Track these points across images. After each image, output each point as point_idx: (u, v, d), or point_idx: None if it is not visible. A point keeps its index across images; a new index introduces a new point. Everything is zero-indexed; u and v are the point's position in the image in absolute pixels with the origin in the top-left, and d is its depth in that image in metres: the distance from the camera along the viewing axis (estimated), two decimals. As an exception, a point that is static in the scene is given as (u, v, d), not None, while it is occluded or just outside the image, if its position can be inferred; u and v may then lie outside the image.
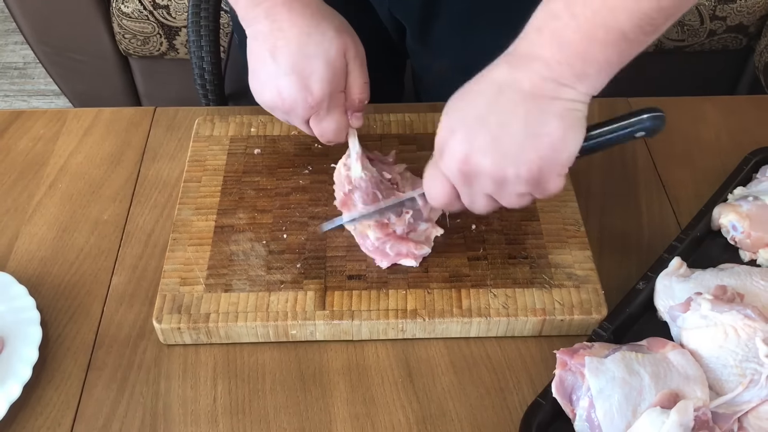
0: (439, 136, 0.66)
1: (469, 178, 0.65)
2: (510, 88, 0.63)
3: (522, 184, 0.65)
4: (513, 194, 0.66)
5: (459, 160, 0.64)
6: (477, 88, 0.65)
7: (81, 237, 0.84)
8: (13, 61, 2.45)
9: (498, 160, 0.63)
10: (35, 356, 0.71)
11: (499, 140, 0.63)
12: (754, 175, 0.85)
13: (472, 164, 0.64)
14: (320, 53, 0.73)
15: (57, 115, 0.98)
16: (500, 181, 0.64)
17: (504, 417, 0.69)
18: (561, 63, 0.61)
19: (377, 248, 0.77)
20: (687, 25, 1.69)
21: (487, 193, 0.67)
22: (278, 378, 0.72)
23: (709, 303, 0.67)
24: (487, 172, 0.64)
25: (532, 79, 0.62)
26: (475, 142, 0.63)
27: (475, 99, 0.64)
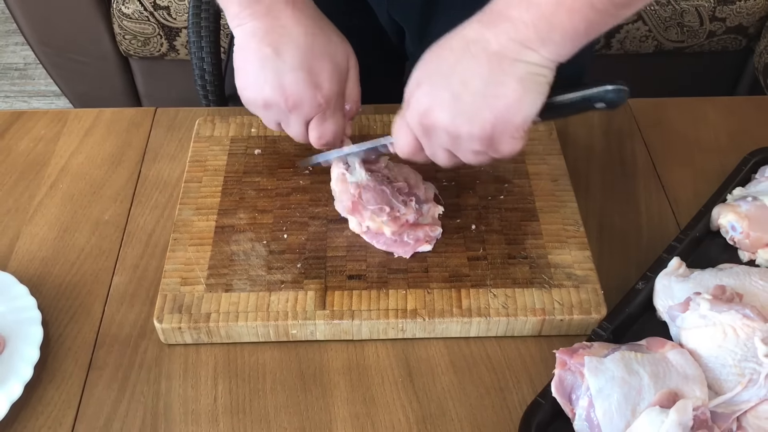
0: (408, 88, 0.68)
1: (428, 132, 0.68)
2: (477, 46, 0.64)
3: (475, 141, 0.66)
4: (468, 151, 0.68)
5: (420, 113, 0.67)
6: (448, 44, 0.66)
7: (82, 237, 0.84)
8: (13, 62, 2.45)
9: (454, 117, 0.65)
10: (36, 356, 0.71)
11: (459, 97, 0.65)
12: (753, 175, 0.85)
13: (431, 118, 0.66)
14: (328, 54, 0.73)
15: (58, 116, 0.98)
16: (455, 137, 0.66)
17: (504, 416, 0.69)
18: (527, 25, 0.62)
19: (395, 241, 0.78)
20: (687, 26, 1.69)
21: (445, 147, 0.69)
22: (279, 377, 0.72)
23: (708, 303, 0.67)
24: (443, 127, 0.66)
25: (499, 40, 0.63)
26: (437, 97, 0.65)
27: (444, 55, 0.66)
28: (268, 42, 0.71)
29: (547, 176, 0.86)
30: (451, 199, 0.83)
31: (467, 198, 0.84)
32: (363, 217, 0.77)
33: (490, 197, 0.84)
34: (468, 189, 0.85)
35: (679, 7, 1.66)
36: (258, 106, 0.75)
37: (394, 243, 0.78)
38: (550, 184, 0.85)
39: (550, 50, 0.63)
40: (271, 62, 0.71)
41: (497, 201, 0.83)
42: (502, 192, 0.84)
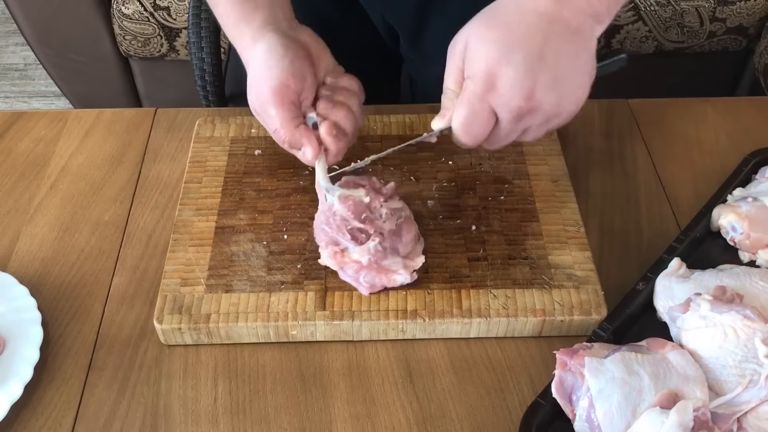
0: (485, 68, 0.63)
1: (524, 115, 0.64)
2: (558, 23, 0.63)
3: (567, 119, 0.66)
4: (548, 129, 0.67)
5: (522, 96, 0.63)
6: (522, 18, 0.63)
7: (82, 238, 0.84)
8: (13, 63, 2.45)
9: (558, 98, 0.64)
10: (36, 356, 0.71)
11: (559, 78, 0.63)
12: (753, 176, 0.85)
13: (536, 100, 0.63)
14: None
15: (58, 117, 0.98)
16: (553, 117, 0.65)
17: (504, 417, 0.69)
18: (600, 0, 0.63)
19: (353, 277, 0.74)
20: (687, 26, 1.69)
21: (531, 127, 0.66)
22: (279, 378, 0.72)
23: (708, 303, 0.67)
24: (545, 109, 0.64)
25: (577, 17, 0.63)
26: (539, 78, 0.62)
27: (526, 32, 0.63)
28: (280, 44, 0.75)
29: (547, 177, 0.86)
30: (451, 200, 0.83)
31: (467, 199, 0.84)
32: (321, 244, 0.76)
33: (491, 198, 0.84)
34: (468, 190, 0.85)
35: (679, 7, 1.66)
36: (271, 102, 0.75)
37: (353, 279, 0.74)
38: (550, 184, 0.85)
39: (606, 23, 0.65)
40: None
41: (497, 202, 0.83)
42: (502, 193, 0.84)
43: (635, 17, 1.67)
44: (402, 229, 0.76)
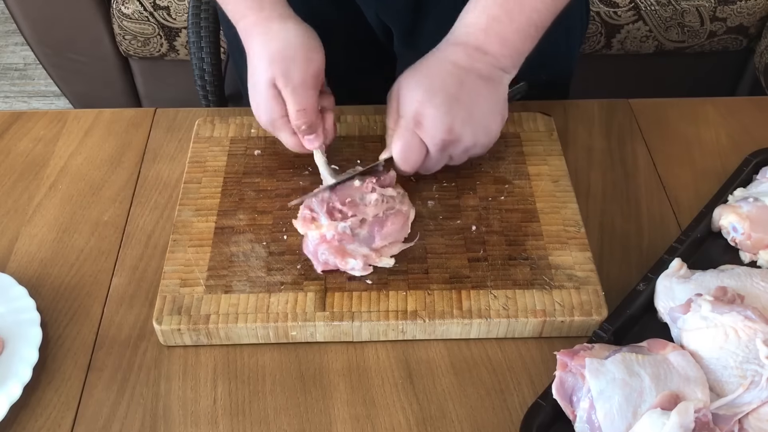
0: (412, 109, 0.76)
1: (447, 145, 0.78)
2: (471, 73, 0.77)
3: (482, 149, 0.80)
4: (470, 156, 0.81)
5: (444, 130, 0.76)
6: (442, 68, 0.78)
7: (81, 238, 0.84)
8: (13, 62, 2.45)
9: (473, 131, 0.78)
10: (35, 357, 0.71)
11: (473, 115, 0.77)
12: (754, 176, 0.85)
13: (455, 134, 0.77)
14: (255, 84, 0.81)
15: (57, 117, 0.98)
16: (470, 147, 0.79)
17: (504, 418, 0.69)
18: (505, 56, 0.79)
19: (312, 250, 0.76)
20: (687, 26, 1.69)
21: (454, 155, 0.79)
22: (278, 379, 0.72)
23: (709, 304, 0.67)
24: (464, 140, 0.77)
25: (487, 69, 0.78)
26: (456, 116, 0.76)
27: (445, 79, 0.77)
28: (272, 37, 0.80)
29: (547, 177, 0.86)
30: (451, 200, 0.83)
31: (467, 199, 0.83)
32: None
33: (491, 198, 0.83)
34: (468, 190, 0.84)
35: (679, 7, 1.66)
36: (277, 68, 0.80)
37: (312, 252, 0.76)
38: (550, 185, 0.85)
39: (515, 70, 0.80)
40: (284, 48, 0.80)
41: (498, 202, 0.83)
42: (502, 193, 0.84)
43: (635, 17, 1.67)
44: (387, 219, 0.78)
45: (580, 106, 0.99)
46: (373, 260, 0.76)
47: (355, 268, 0.75)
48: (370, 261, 0.76)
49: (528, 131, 0.91)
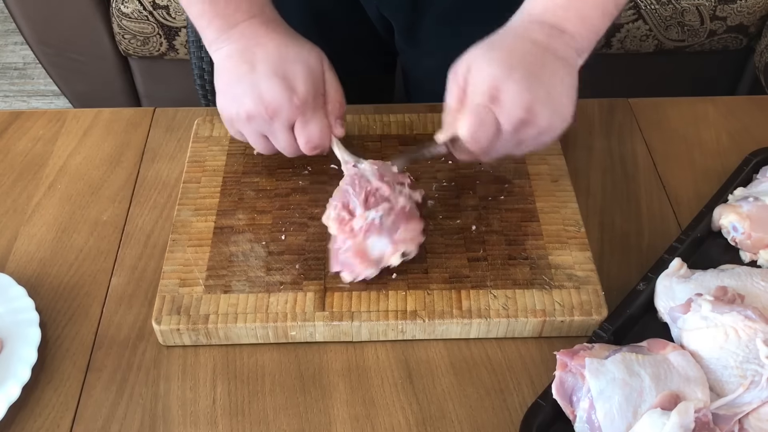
0: (490, 84, 0.69)
1: (524, 125, 0.71)
2: (549, 52, 0.72)
3: (556, 134, 0.74)
4: (538, 143, 0.74)
5: (523, 107, 0.69)
6: (520, 45, 0.72)
7: (80, 238, 0.84)
8: (12, 62, 2.45)
9: (551, 113, 0.71)
10: (34, 357, 0.70)
11: (552, 96, 0.71)
12: (754, 175, 0.85)
13: (533, 112, 0.70)
14: (300, 59, 0.76)
15: (56, 116, 0.98)
16: (544, 131, 0.72)
17: (504, 418, 0.69)
18: (582, 36, 0.74)
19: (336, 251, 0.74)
20: (687, 25, 1.69)
21: (526, 140, 0.73)
22: (278, 379, 0.72)
23: (709, 304, 0.67)
24: (540, 122, 0.71)
25: (564, 49, 0.73)
26: (537, 93, 0.70)
27: (525, 55, 0.71)
28: (244, 60, 0.76)
29: (547, 176, 0.85)
30: (451, 200, 0.83)
31: (467, 199, 0.83)
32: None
33: (491, 198, 0.83)
34: (468, 189, 0.84)
35: (679, 6, 1.66)
36: (242, 120, 0.77)
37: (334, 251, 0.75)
38: (550, 184, 0.85)
39: (586, 56, 0.75)
40: (248, 77, 0.75)
41: (497, 201, 0.83)
42: (502, 192, 0.84)
43: (635, 16, 1.67)
44: (411, 214, 0.75)
45: (580, 105, 0.98)
46: (388, 257, 0.74)
47: (368, 276, 0.74)
48: (384, 261, 0.74)
49: (528, 130, 0.91)
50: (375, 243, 0.74)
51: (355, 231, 0.73)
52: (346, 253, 0.74)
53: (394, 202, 0.74)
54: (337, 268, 0.75)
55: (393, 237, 0.74)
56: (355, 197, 0.74)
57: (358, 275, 0.74)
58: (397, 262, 0.75)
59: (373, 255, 0.74)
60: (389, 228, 0.74)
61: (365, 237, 0.73)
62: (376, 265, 0.74)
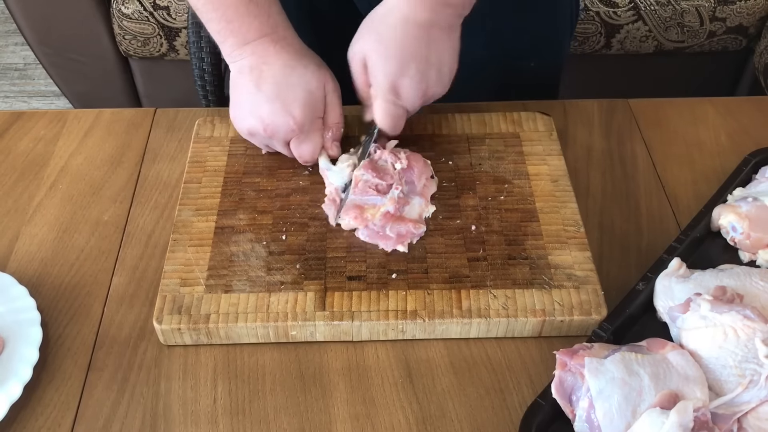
0: (388, 81, 0.80)
1: (425, 101, 0.83)
2: (434, 28, 0.79)
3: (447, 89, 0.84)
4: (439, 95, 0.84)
5: (420, 95, 0.81)
6: (407, 32, 0.79)
7: (81, 238, 0.84)
8: (13, 62, 2.45)
9: (443, 83, 0.82)
10: (36, 357, 0.71)
11: (442, 70, 0.81)
12: (753, 176, 0.85)
13: (429, 93, 0.82)
14: (302, 83, 0.81)
15: (57, 116, 0.98)
16: (441, 92, 0.83)
17: (504, 417, 0.69)
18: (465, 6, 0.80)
19: (378, 233, 0.79)
20: (687, 26, 1.69)
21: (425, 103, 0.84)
22: (278, 379, 0.72)
23: (708, 304, 0.67)
24: (436, 93, 0.83)
25: (447, 20, 0.80)
26: (429, 77, 0.80)
27: (413, 44, 0.79)
28: (252, 78, 0.81)
29: (547, 177, 0.86)
30: (450, 200, 0.83)
31: (467, 199, 0.84)
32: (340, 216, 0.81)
33: (490, 198, 0.84)
34: (468, 190, 0.84)
35: (679, 7, 1.66)
36: (244, 134, 0.85)
37: (376, 234, 0.79)
38: (550, 184, 0.85)
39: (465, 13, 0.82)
40: (253, 96, 0.81)
41: (497, 202, 0.83)
42: (502, 193, 0.84)
43: (635, 17, 1.67)
44: (410, 161, 0.84)
45: (580, 105, 0.99)
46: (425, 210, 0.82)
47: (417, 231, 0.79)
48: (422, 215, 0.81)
49: (527, 131, 0.91)
50: (411, 208, 0.81)
51: (393, 211, 0.80)
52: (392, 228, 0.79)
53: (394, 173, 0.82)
54: (393, 244, 0.79)
55: (417, 192, 0.82)
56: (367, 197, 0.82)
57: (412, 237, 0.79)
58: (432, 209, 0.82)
59: (413, 216, 0.81)
60: (411, 189, 0.82)
61: (400, 209, 0.80)
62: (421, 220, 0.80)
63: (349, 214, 0.80)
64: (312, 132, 0.83)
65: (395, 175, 0.83)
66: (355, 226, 0.80)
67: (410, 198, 0.82)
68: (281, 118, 0.81)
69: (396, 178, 0.82)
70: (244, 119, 0.83)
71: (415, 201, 0.81)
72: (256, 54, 0.81)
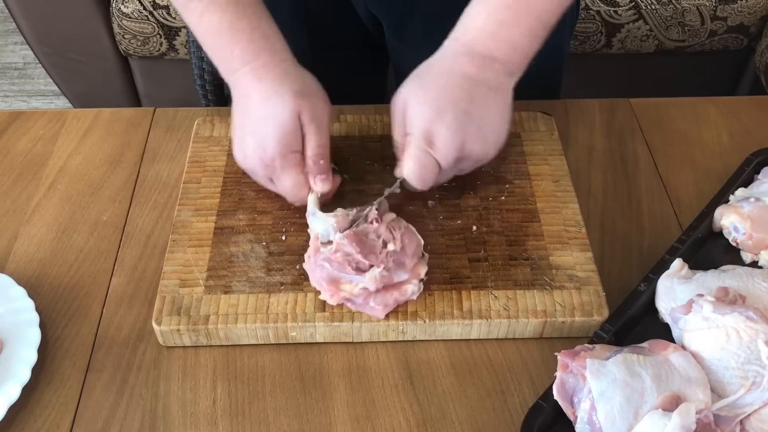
0: (422, 128, 0.75)
1: (460, 161, 0.77)
2: (481, 84, 0.75)
3: (492, 156, 0.79)
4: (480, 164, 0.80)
5: (455, 148, 0.75)
6: (450, 81, 0.75)
7: (80, 238, 0.83)
8: (12, 62, 2.45)
9: (484, 145, 0.77)
10: (34, 358, 0.70)
11: (483, 129, 0.76)
12: (755, 176, 0.85)
13: (466, 150, 0.76)
14: (274, 115, 0.76)
15: (56, 116, 0.98)
16: (482, 158, 0.78)
17: (505, 419, 0.69)
18: (514, 62, 0.77)
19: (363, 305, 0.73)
20: (688, 25, 1.69)
21: (465, 168, 0.79)
22: (278, 380, 0.72)
23: (710, 305, 0.67)
24: (475, 156, 0.77)
25: (497, 78, 0.76)
26: (468, 132, 0.75)
27: (455, 93, 0.75)
28: (239, 110, 0.79)
29: (548, 177, 0.85)
30: (451, 201, 0.83)
31: (468, 199, 0.83)
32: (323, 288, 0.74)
33: (491, 198, 0.83)
34: (469, 190, 0.84)
35: (680, 6, 1.66)
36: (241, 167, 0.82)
37: (364, 306, 0.73)
38: (551, 184, 0.85)
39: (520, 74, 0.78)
40: (239, 130, 0.79)
41: (498, 202, 0.83)
42: (503, 193, 0.84)
43: (636, 16, 1.67)
44: (404, 241, 0.75)
45: (581, 105, 0.99)
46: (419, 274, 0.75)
47: (411, 291, 0.73)
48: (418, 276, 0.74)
49: (529, 131, 0.91)
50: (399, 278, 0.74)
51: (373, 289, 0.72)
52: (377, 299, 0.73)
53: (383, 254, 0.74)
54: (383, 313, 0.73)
55: (407, 266, 0.74)
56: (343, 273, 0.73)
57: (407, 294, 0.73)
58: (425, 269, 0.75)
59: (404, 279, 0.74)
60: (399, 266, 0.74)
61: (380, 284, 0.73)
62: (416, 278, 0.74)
63: (325, 288, 0.73)
64: (288, 168, 0.77)
65: (382, 254, 0.74)
66: (334, 302, 0.73)
67: (396, 275, 0.74)
68: (255, 154, 0.77)
69: (382, 258, 0.73)
70: (236, 152, 0.81)
71: (402, 276, 0.74)
72: (239, 86, 0.79)
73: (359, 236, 0.74)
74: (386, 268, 0.73)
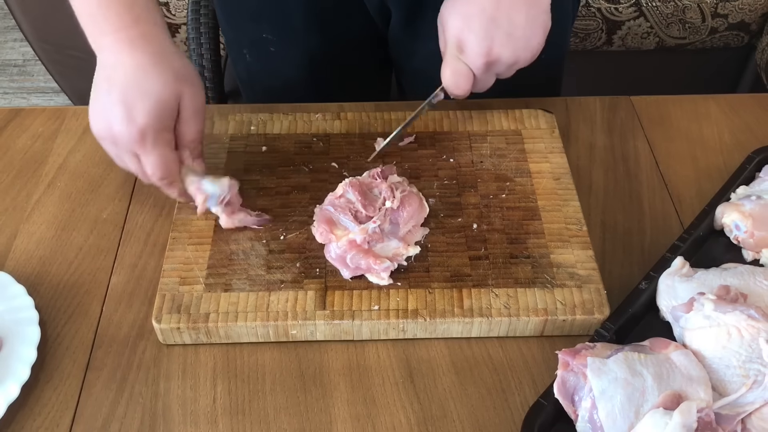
0: (454, 36, 0.79)
1: (489, 66, 0.80)
2: None
3: (528, 62, 0.81)
4: (516, 69, 0.82)
5: (483, 53, 0.78)
6: None
7: (80, 236, 0.83)
8: (12, 59, 2.44)
9: (513, 49, 0.79)
10: (34, 356, 0.70)
11: (512, 34, 0.78)
12: (757, 174, 0.85)
13: (494, 55, 0.78)
14: (153, 90, 0.74)
15: (56, 113, 0.97)
16: (513, 64, 0.80)
17: (506, 418, 0.69)
18: None
19: (339, 256, 0.75)
20: (688, 22, 1.68)
21: (500, 72, 0.81)
22: (278, 378, 0.71)
23: (712, 303, 0.67)
24: (504, 59, 0.79)
25: None
26: (495, 37, 0.78)
27: (482, 2, 0.77)
28: (105, 77, 0.76)
29: (549, 175, 0.85)
30: (452, 198, 0.83)
31: (469, 197, 0.83)
32: None
33: (492, 196, 0.83)
34: (469, 187, 0.84)
35: (681, 3, 1.65)
36: (98, 138, 0.78)
37: (338, 258, 0.75)
38: (552, 182, 0.84)
39: None
40: (103, 98, 0.76)
41: (499, 200, 0.83)
42: (503, 190, 0.84)
43: (636, 13, 1.66)
44: (404, 201, 0.78)
45: (582, 102, 0.99)
46: (402, 253, 0.76)
47: (387, 269, 0.74)
48: (399, 255, 0.76)
49: (529, 128, 0.91)
50: (384, 247, 0.75)
51: (359, 242, 0.74)
52: (354, 260, 0.74)
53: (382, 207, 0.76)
54: (350, 274, 0.74)
55: (398, 235, 0.75)
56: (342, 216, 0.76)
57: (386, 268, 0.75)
58: (417, 251, 0.77)
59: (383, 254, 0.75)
60: (392, 229, 0.75)
61: (370, 246, 0.74)
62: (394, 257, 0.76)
63: (320, 226, 0.77)
64: (159, 145, 0.75)
65: (380, 211, 0.77)
66: (321, 239, 0.77)
67: (388, 238, 0.76)
68: (123, 125, 0.73)
69: (379, 215, 0.77)
70: (95, 122, 0.77)
71: (392, 243, 0.76)
72: (112, 51, 0.76)
73: (363, 187, 0.79)
74: (381, 226, 0.75)
